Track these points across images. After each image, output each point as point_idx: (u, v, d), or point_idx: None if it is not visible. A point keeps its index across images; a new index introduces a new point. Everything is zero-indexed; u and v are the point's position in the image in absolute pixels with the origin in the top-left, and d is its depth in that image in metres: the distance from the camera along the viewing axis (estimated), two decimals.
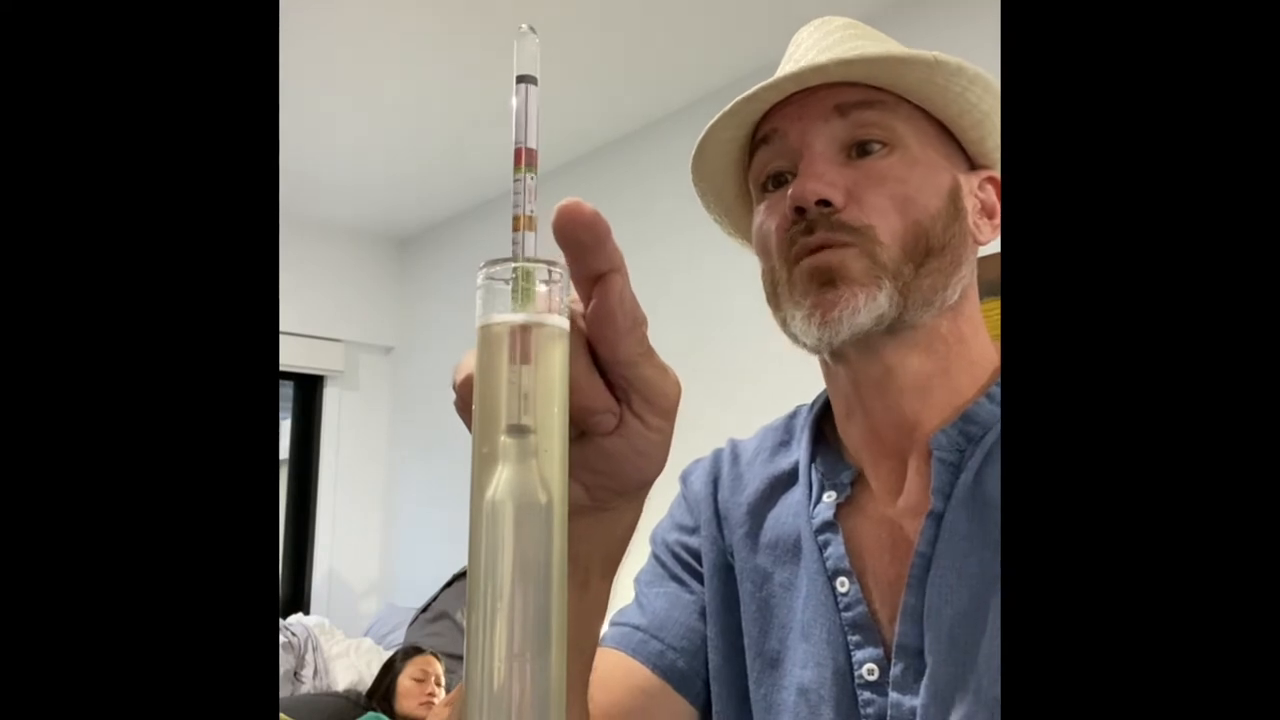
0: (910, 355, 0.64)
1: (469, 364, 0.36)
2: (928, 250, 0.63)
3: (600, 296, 0.34)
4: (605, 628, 0.71)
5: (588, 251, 0.34)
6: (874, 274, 0.61)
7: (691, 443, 0.93)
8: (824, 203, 0.62)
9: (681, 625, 0.70)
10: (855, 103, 0.63)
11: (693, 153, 0.71)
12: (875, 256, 0.61)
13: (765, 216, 0.67)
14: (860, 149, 0.64)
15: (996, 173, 0.69)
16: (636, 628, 0.70)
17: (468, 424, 0.37)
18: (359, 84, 2.91)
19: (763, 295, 0.69)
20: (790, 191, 0.62)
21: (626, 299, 0.35)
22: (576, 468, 0.36)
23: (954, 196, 0.65)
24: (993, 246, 0.66)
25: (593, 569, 0.43)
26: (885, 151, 0.63)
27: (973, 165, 0.69)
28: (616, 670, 0.68)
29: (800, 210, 0.62)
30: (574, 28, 2.55)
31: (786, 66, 0.68)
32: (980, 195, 0.68)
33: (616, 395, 0.36)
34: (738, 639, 0.69)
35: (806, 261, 0.63)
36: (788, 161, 0.65)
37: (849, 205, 0.62)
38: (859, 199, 0.62)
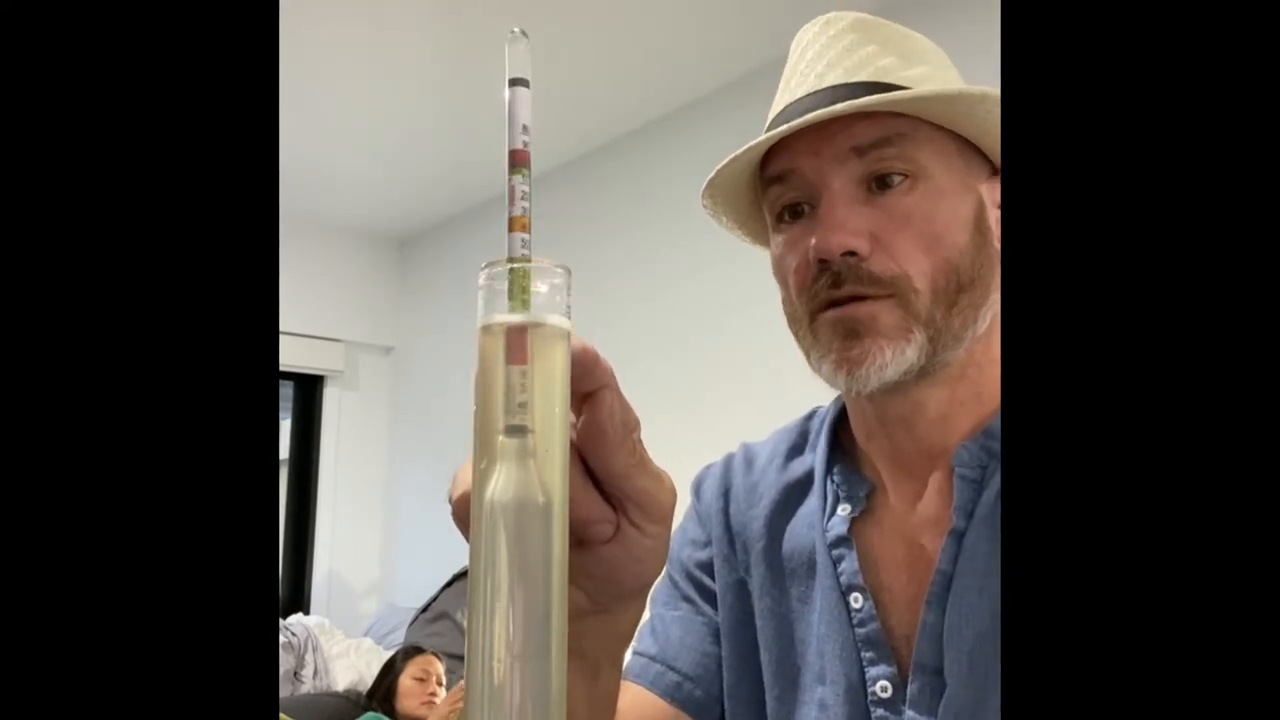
0: (941, 389, 0.63)
1: (464, 479, 0.35)
2: (958, 287, 0.60)
3: (590, 412, 0.35)
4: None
5: (576, 379, 0.34)
6: (905, 325, 0.59)
7: (703, 446, 0.93)
8: (849, 253, 0.59)
9: (695, 652, 0.70)
10: (873, 142, 0.60)
11: (702, 188, 0.69)
12: (910, 306, 0.59)
13: (785, 250, 0.64)
14: (880, 182, 0.61)
15: None
16: (652, 658, 0.70)
17: (466, 536, 0.37)
18: (359, 84, 2.91)
19: (773, 293, 0.67)
20: (813, 243, 0.60)
21: (616, 413, 0.35)
22: (577, 575, 0.37)
23: (979, 220, 0.62)
24: None
25: (601, 662, 0.43)
26: (907, 185, 0.60)
27: (995, 170, 0.66)
28: (635, 703, 0.68)
29: (824, 261, 0.60)
30: (576, 27, 2.55)
31: (793, 80, 0.65)
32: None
33: (612, 504, 0.37)
34: (753, 655, 0.68)
35: (833, 312, 0.61)
36: (804, 194, 0.63)
37: (875, 253, 0.59)
38: (886, 245, 0.59)
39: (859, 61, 0.63)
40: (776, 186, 0.65)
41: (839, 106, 0.59)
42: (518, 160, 0.33)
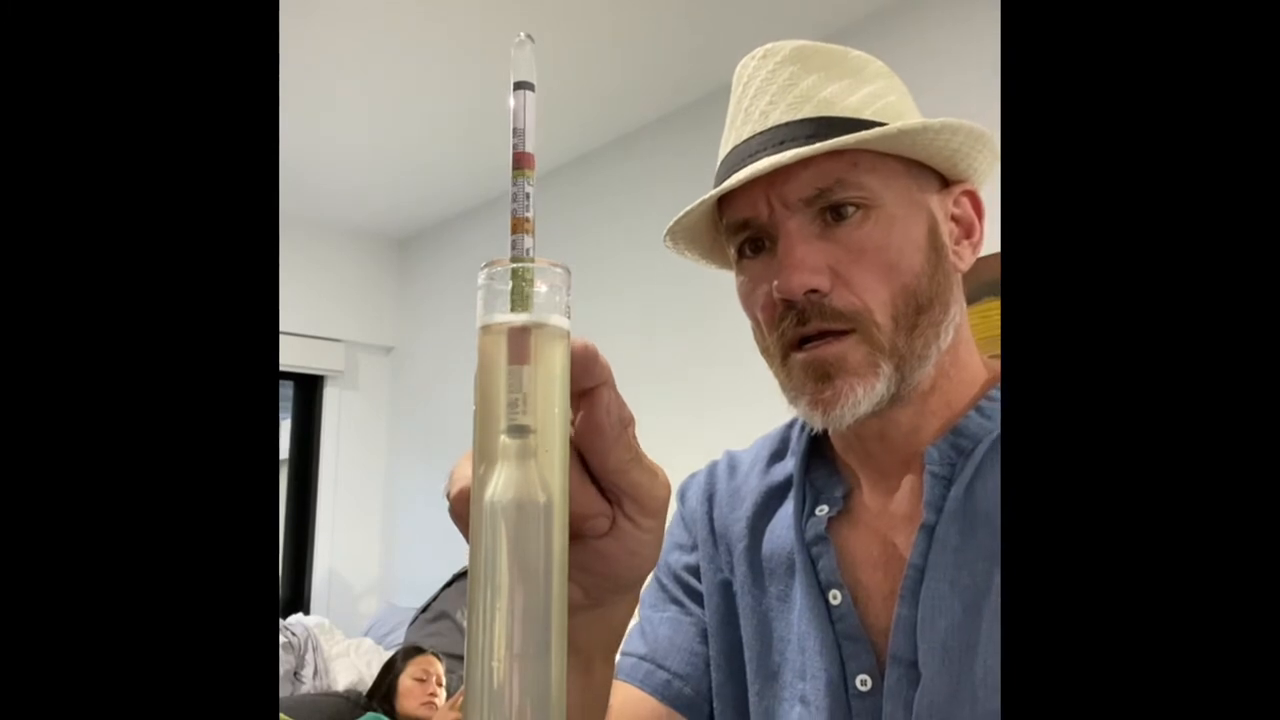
0: (912, 407, 0.65)
1: (462, 476, 0.35)
2: (917, 309, 0.62)
3: (588, 409, 0.35)
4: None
5: (575, 376, 0.34)
6: (872, 360, 0.61)
7: (688, 455, 0.93)
8: (812, 290, 0.61)
9: (684, 651, 0.71)
10: (817, 193, 0.62)
11: (664, 235, 0.71)
12: (874, 340, 0.61)
13: (750, 286, 0.66)
14: (835, 213, 0.62)
15: (971, 185, 0.68)
16: (642, 658, 0.71)
17: (464, 533, 0.37)
18: (359, 84, 2.91)
19: None
20: (775, 284, 0.62)
21: (614, 409, 0.35)
22: (572, 570, 0.37)
23: (933, 237, 0.64)
24: (991, 246, 0.66)
25: (595, 657, 0.44)
26: (860, 216, 0.62)
27: (945, 182, 0.67)
28: (626, 701, 0.69)
29: (788, 301, 0.62)
30: (574, 29, 2.55)
31: (738, 119, 0.66)
32: (956, 211, 0.67)
33: (608, 499, 0.37)
34: (738, 654, 0.70)
35: (803, 356, 0.63)
36: (762, 233, 0.65)
37: (836, 287, 0.62)
38: (845, 278, 0.62)
39: (801, 96, 0.64)
40: (734, 228, 0.66)
41: (783, 156, 0.60)
42: (522, 162, 0.33)
